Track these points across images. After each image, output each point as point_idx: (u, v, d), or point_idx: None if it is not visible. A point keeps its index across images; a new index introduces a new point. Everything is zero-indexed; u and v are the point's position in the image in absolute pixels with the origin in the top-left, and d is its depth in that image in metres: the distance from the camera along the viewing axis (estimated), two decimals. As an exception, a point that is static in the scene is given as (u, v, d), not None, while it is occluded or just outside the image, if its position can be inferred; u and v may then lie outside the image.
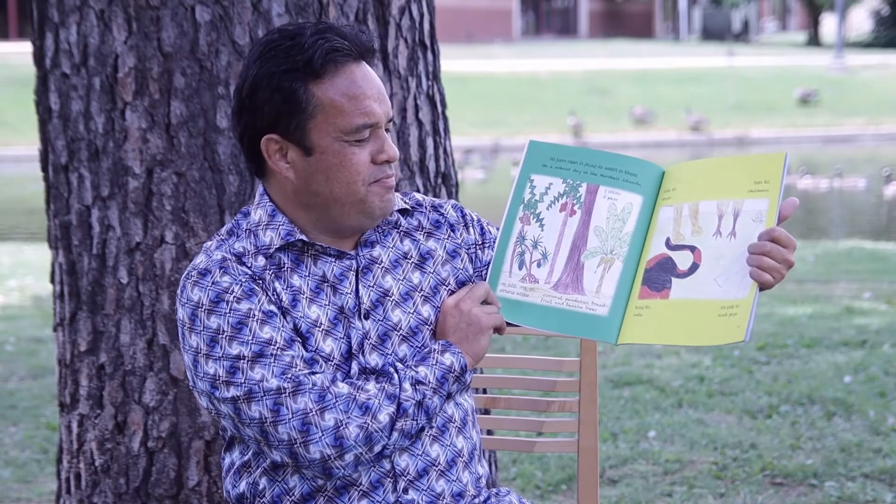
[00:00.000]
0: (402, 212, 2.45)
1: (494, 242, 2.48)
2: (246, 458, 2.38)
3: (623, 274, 2.33)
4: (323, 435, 2.23)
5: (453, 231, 2.47)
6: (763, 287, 2.25)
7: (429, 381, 2.31)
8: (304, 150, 2.29)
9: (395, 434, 2.28)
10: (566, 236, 2.35)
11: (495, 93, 31.55)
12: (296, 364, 2.25)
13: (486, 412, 3.08)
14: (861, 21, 65.50)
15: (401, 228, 2.43)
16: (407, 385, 2.29)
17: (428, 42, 3.55)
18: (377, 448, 2.27)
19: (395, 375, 2.30)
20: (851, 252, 11.27)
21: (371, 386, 2.29)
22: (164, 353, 3.35)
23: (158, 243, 3.33)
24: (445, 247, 2.46)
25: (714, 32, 59.18)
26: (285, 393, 2.23)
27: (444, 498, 2.38)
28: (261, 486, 2.36)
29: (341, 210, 2.32)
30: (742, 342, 2.18)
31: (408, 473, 2.35)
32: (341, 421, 2.24)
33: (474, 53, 40.13)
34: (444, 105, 3.61)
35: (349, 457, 2.25)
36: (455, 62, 29.73)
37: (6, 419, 5.76)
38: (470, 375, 2.41)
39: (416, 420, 2.30)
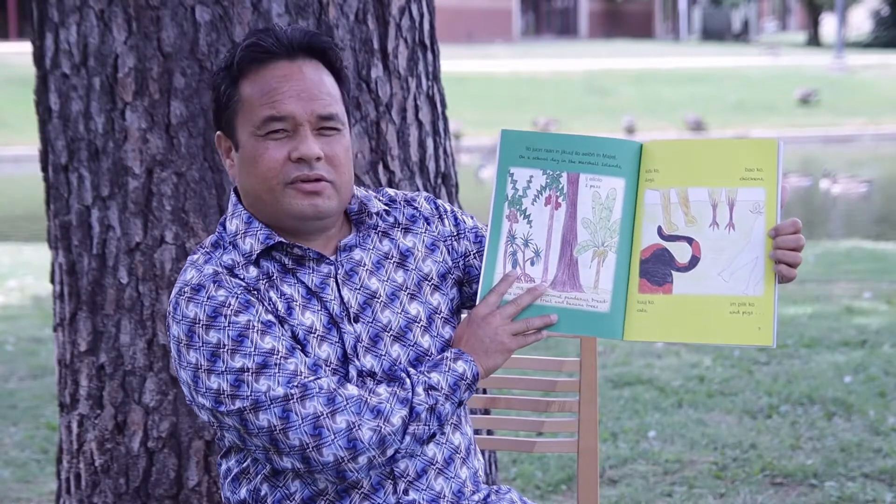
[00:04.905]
0: (378, 214, 2.43)
1: (468, 232, 2.47)
2: (244, 465, 2.36)
3: (618, 266, 2.30)
4: (336, 437, 2.21)
5: (429, 224, 2.47)
6: (783, 281, 2.23)
7: (441, 387, 2.29)
8: (235, 145, 2.35)
9: (408, 438, 2.26)
10: (555, 231, 2.31)
11: (495, 93, 31.53)
12: (300, 371, 2.23)
13: (486, 412, 3.08)
14: (861, 21, 65.51)
15: (378, 229, 2.42)
16: (420, 390, 2.28)
17: (428, 42, 3.55)
18: (390, 452, 2.26)
19: (408, 380, 2.29)
20: (851, 252, 11.26)
21: (382, 390, 2.27)
22: (164, 354, 3.35)
23: (158, 243, 3.33)
24: (424, 241, 2.45)
25: (714, 32, 59.17)
26: (293, 399, 2.21)
27: (444, 496, 2.38)
28: (262, 493, 2.35)
29: (264, 207, 2.32)
30: (771, 347, 2.16)
31: (407, 474, 2.35)
32: (354, 423, 2.22)
33: (474, 53, 40.11)
34: (444, 105, 3.61)
35: (363, 459, 2.23)
36: (455, 62, 29.71)
37: (6, 419, 5.75)
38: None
39: (429, 425, 2.28)
